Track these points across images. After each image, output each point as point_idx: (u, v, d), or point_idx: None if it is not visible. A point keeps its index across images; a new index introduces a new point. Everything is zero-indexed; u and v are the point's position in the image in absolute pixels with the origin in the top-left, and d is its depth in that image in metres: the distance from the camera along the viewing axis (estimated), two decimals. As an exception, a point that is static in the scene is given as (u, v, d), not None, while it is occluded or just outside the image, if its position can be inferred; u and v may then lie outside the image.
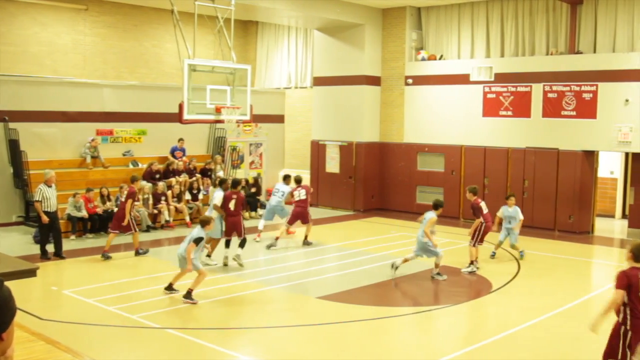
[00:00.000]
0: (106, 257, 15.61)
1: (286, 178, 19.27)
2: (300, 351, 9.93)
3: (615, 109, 19.77)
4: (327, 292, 13.06)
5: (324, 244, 18.10)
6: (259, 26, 29.55)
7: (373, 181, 24.45)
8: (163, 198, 20.16)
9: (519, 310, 12.07)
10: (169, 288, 12.58)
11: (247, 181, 22.76)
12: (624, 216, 23.20)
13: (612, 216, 23.88)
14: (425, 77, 23.51)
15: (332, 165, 24.88)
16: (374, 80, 24.43)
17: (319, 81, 25.36)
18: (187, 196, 21.16)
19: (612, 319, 7.68)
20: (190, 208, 20.85)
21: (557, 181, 20.77)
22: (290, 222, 18.00)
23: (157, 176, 20.98)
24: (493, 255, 16.54)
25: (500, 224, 16.67)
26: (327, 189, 24.99)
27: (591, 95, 20.15)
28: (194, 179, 21.64)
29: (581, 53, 20.68)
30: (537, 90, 21.13)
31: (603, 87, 19.93)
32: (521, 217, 16.67)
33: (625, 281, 7.51)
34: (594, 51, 20.64)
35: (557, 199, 20.67)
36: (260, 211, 22.12)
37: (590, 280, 15.92)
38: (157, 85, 23.93)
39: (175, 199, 20.58)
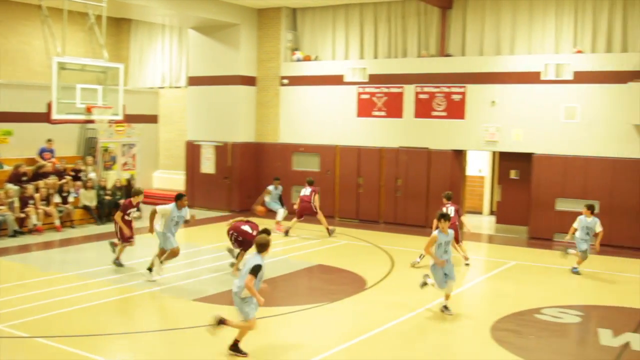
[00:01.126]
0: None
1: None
2: (174, 356, 9.72)
3: (482, 110, 20.55)
4: (203, 294, 12.88)
5: (199, 245, 17.85)
6: (133, 24, 28.84)
7: (249, 181, 24.33)
8: (31, 201, 19.28)
9: (393, 306, 12.29)
10: (236, 349, 9.74)
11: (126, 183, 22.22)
12: (492, 212, 24.15)
13: (481, 213, 24.81)
14: (300, 78, 23.64)
15: (208, 165, 24.58)
16: (250, 81, 24.33)
17: (193, 81, 25.00)
18: (57, 199, 20.32)
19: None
20: (60, 211, 20.03)
21: (429, 179, 21.36)
22: (298, 215, 19.71)
23: (25, 178, 20.03)
24: (576, 271, 15.35)
25: (574, 233, 15.37)
26: (202, 189, 24.67)
27: (460, 96, 20.86)
28: (64, 181, 20.81)
29: (451, 56, 21.38)
30: (409, 92, 21.67)
31: (471, 88, 20.69)
32: (600, 228, 15.21)
33: None
34: (463, 54, 21.38)
35: (429, 196, 21.24)
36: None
37: (461, 274, 16.40)
38: (24, 84, 22.81)
39: (44, 202, 19.72)
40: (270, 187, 20.65)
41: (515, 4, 20.56)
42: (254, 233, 13.43)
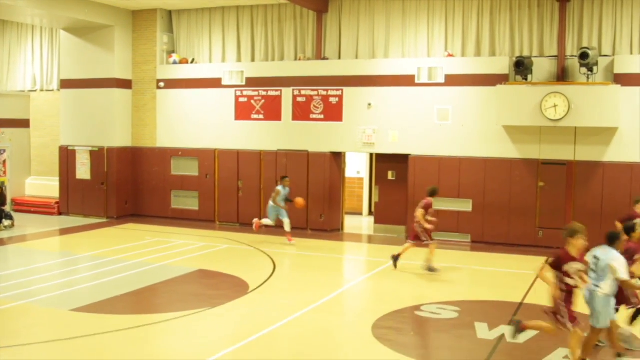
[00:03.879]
0: None
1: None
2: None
3: (359, 113, 20.89)
4: (82, 304, 12.43)
5: (76, 253, 17.24)
6: (0, 24, 27.57)
7: (126, 187, 23.72)
8: None
9: (277, 308, 12.29)
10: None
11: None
12: (370, 213, 24.58)
13: (360, 214, 25.21)
14: (177, 81, 23.26)
15: (83, 171, 23.76)
16: (125, 84, 23.72)
17: (66, 84, 24.12)
18: None
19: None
20: None
21: (308, 182, 21.51)
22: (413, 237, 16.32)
23: None
24: None
25: None
26: (78, 196, 23.82)
27: (337, 99, 21.12)
28: None
29: (327, 59, 21.62)
30: (287, 95, 21.75)
31: (348, 91, 20.99)
32: None
33: None
34: (339, 57, 21.67)
35: (309, 198, 21.36)
36: (6, 222, 20.52)
37: (342, 274, 16.64)
38: None
39: None
40: (279, 187, 19.45)
41: (388, 9, 21.03)
42: None
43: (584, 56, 17.90)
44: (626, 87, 18.24)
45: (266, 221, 19.47)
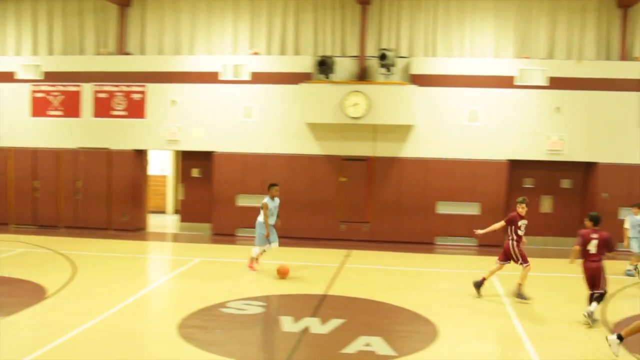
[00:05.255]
0: None
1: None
2: None
3: (163, 109, 20.55)
4: None
5: None
6: None
7: None
8: None
9: (77, 313, 11.78)
10: None
11: None
12: (176, 211, 24.25)
13: (165, 212, 24.82)
14: (-35, 74, 21.71)
15: None
16: None
17: None
18: None
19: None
20: None
21: (111, 180, 20.86)
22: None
23: None
24: (632, 273, 15.81)
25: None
26: None
27: (141, 95, 20.64)
28: None
29: (130, 54, 21.05)
30: (87, 90, 20.94)
31: (152, 88, 20.58)
32: None
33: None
34: (143, 53, 21.17)
35: (111, 198, 20.76)
36: None
37: (146, 275, 16.27)
38: None
39: None
40: (267, 200, 15.01)
41: (194, 5, 20.87)
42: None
43: (383, 57, 18.79)
44: (422, 87, 19.36)
45: (255, 252, 15.34)
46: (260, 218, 14.96)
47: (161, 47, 21.21)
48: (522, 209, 13.42)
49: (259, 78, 20.13)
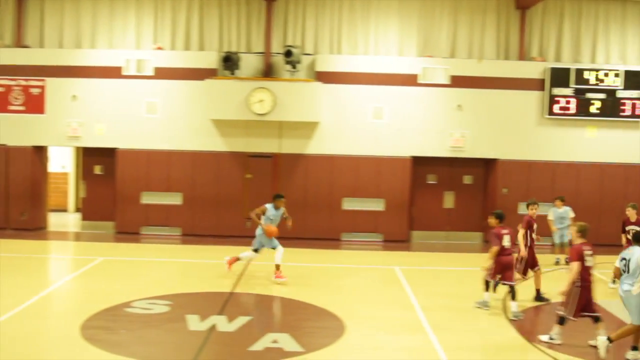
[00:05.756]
0: None
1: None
2: None
3: (64, 105, 19.99)
4: None
5: None
6: None
7: None
8: None
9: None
10: None
11: None
12: (77, 210, 23.65)
13: (66, 210, 24.17)
14: None
15: None
16: None
17: None
18: None
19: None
20: None
21: (9, 178, 20.15)
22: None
23: None
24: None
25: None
26: None
27: (40, 90, 20.01)
28: None
29: (28, 47, 20.40)
30: (-18, 84, 20.19)
31: (51, 82, 19.98)
32: (572, 214, 16.90)
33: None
34: (42, 46, 20.54)
35: (9, 196, 20.07)
36: None
37: (47, 275, 15.82)
38: None
39: None
40: (268, 205, 14.64)
41: (95, -3, 20.41)
42: None
43: (288, 54, 18.87)
44: (327, 84, 19.53)
45: (245, 255, 14.80)
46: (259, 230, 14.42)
47: (61, 40, 20.61)
48: (533, 211, 13.70)
49: (162, 73, 19.84)
